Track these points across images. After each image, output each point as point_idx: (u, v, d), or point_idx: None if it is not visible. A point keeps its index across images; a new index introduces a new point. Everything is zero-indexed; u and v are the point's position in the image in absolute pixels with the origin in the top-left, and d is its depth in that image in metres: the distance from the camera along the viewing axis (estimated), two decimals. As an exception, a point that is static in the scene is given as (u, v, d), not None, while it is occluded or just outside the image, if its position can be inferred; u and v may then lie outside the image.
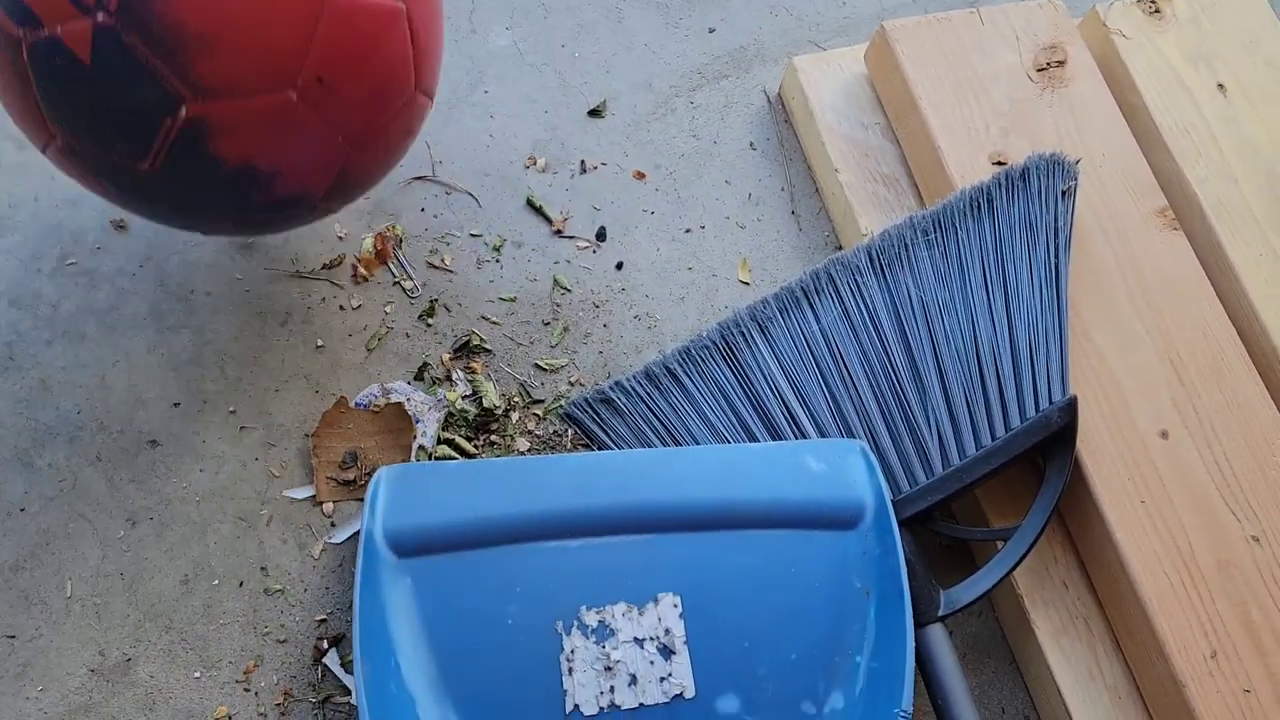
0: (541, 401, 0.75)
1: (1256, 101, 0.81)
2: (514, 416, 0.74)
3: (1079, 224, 0.75)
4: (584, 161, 0.84)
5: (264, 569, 0.69)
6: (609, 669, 0.61)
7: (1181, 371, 0.71)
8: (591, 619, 0.61)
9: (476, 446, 0.73)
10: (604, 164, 0.85)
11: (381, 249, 0.78)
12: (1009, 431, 0.66)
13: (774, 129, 0.88)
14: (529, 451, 0.73)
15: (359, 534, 0.64)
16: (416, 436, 0.72)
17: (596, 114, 0.87)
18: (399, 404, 0.73)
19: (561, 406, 0.75)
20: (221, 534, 0.69)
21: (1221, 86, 0.82)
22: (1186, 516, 0.67)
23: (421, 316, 0.77)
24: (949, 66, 0.80)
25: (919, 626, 0.64)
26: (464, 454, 0.72)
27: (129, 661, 0.65)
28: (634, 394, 0.73)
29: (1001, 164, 0.76)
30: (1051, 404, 0.66)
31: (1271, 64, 0.83)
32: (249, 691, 0.65)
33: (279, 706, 0.65)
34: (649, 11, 0.92)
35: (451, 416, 0.73)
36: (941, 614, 0.64)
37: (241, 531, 0.69)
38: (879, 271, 0.72)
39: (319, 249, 0.78)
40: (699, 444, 0.70)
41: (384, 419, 0.73)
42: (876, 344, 0.70)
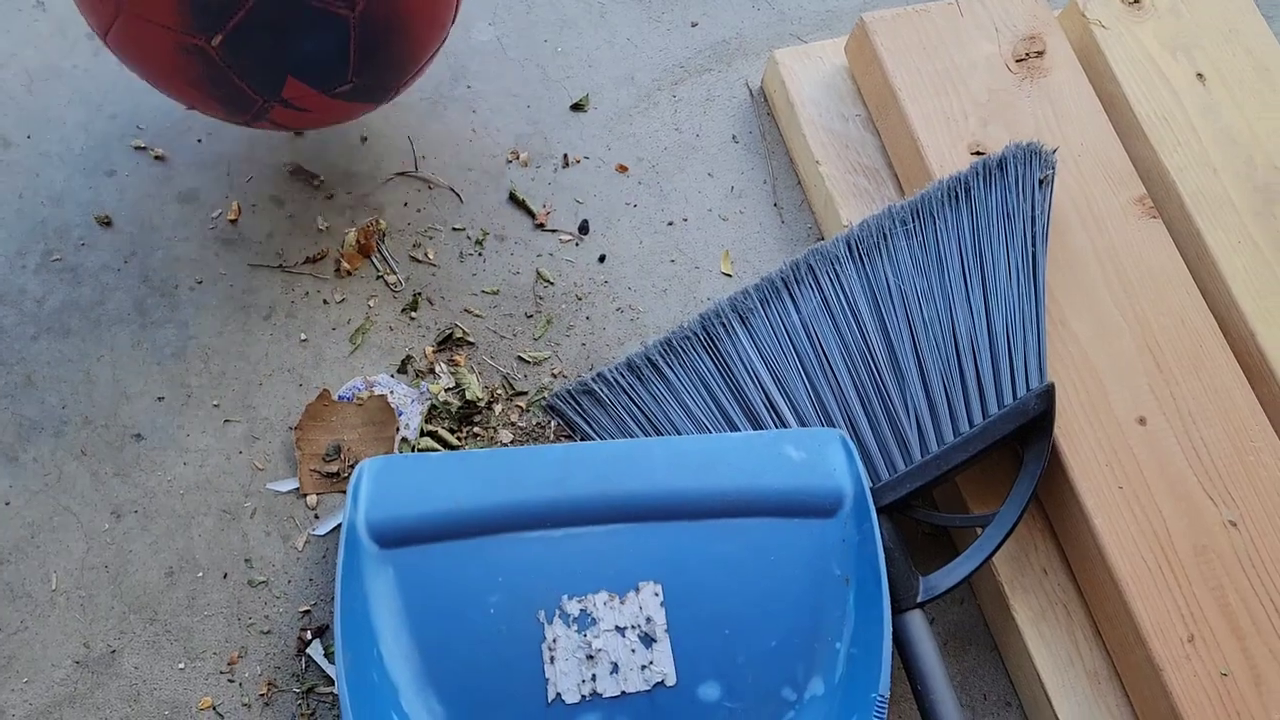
0: (525, 394, 0.76)
1: (1236, 91, 0.82)
2: (497, 409, 0.75)
3: (1058, 213, 0.75)
4: (566, 155, 0.85)
5: (248, 561, 0.69)
6: (591, 657, 0.61)
7: (1159, 358, 0.71)
8: (573, 608, 0.62)
9: (460, 439, 0.73)
10: (586, 158, 0.85)
11: (365, 243, 0.78)
12: (987, 418, 0.67)
13: (756, 122, 0.88)
14: (512, 443, 0.74)
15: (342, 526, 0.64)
16: (400, 429, 0.73)
17: (579, 108, 0.87)
18: (382, 397, 0.73)
19: (544, 398, 0.75)
20: (205, 527, 0.70)
21: (1201, 76, 0.82)
22: (1164, 502, 0.67)
23: (405, 310, 0.77)
24: (928, 58, 0.80)
25: (898, 612, 0.64)
26: (447, 446, 0.73)
27: (114, 653, 0.66)
28: (616, 385, 0.73)
29: (980, 154, 0.76)
30: (1029, 391, 0.67)
31: (1251, 53, 0.84)
32: (233, 682, 0.66)
33: (263, 697, 0.66)
34: (631, 6, 0.92)
35: (435, 409, 0.74)
36: (921, 600, 0.65)
37: (225, 524, 0.70)
38: (858, 261, 0.72)
39: (302, 243, 0.79)
40: (680, 434, 0.71)
41: (367, 412, 0.73)
42: (856, 333, 0.70)
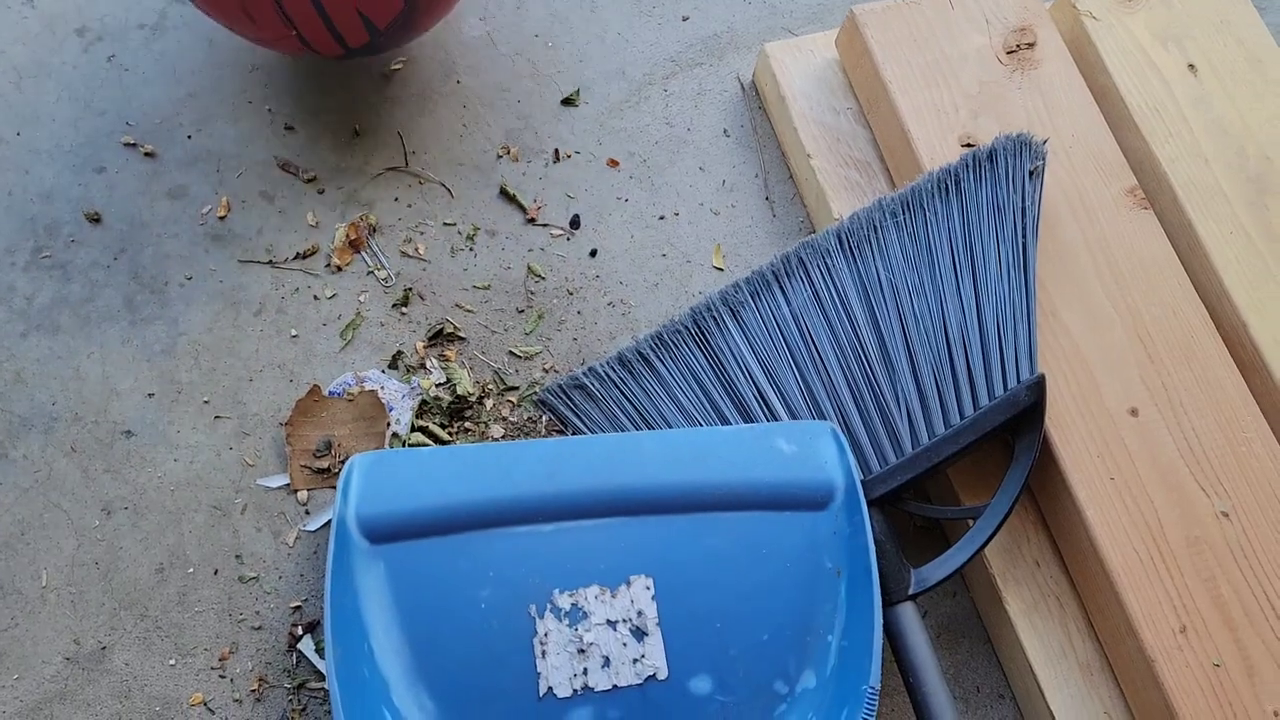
0: (516, 388, 0.76)
1: (1227, 81, 0.82)
2: (488, 403, 0.75)
3: (1050, 204, 0.75)
4: (557, 150, 0.85)
5: (239, 557, 0.69)
6: (582, 651, 0.61)
7: (1151, 349, 0.71)
8: (564, 602, 0.62)
9: (451, 434, 0.73)
10: (577, 152, 0.85)
11: (355, 238, 0.78)
12: (978, 410, 0.67)
13: (747, 115, 0.88)
14: (503, 438, 0.73)
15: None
16: (390, 424, 0.72)
17: (570, 102, 0.87)
18: (373, 392, 0.73)
19: (536, 393, 0.75)
20: (196, 523, 0.69)
21: (1192, 67, 0.82)
22: (1156, 493, 0.67)
23: (396, 305, 0.77)
24: (918, 50, 0.80)
25: (890, 605, 0.64)
26: (438, 441, 0.73)
27: (104, 650, 0.66)
28: (607, 379, 0.73)
29: (971, 146, 0.76)
30: (1020, 382, 0.67)
31: (1243, 44, 0.83)
32: (224, 678, 0.66)
33: (254, 693, 0.65)
34: (622, 0, 0.92)
35: (426, 404, 0.74)
36: (912, 592, 0.64)
37: (216, 520, 0.70)
38: (848, 254, 0.72)
39: (292, 239, 0.79)
40: (671, 427, 0.70)
41: (358, 407, 0.73)
42: (846, 326, 0.70)
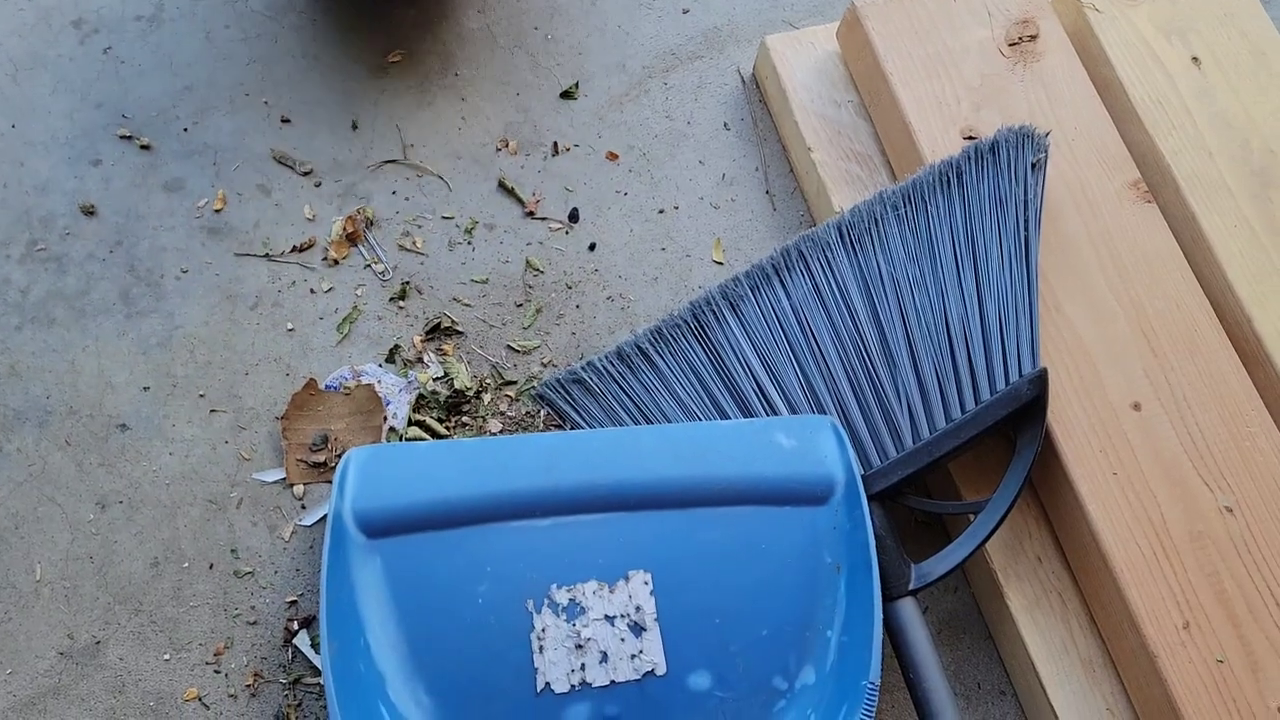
0: (514, 383, 0.75)
1: (1231, 74, 0.81)
2: (486, 398, 0.74)
3: (1052, 197, 0.74)
4: (556, 143, 0.84)
5: (234, 551, 0.68)
6: (580, 647, 0.60)
7: (1154, 343, 0.70)
8: (562, 597, 0.61)
9: (448, 428, 0.73)
10: (576, 145, 0.84)
11: (352, 231, 0.78)
12: (979, 404, 0.66)
13: (748, 109, 0.88)
14: (501, 433, 0.73)
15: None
16: (387, 418, 0.72)
17: (569, 95, 0.86)
18: (369, 386, 0.73)
19: (534, 388, 0.75)
20: (191, 517, 0.69)
21: (1196, 60, 0.81)
22: (1159, 488, 0.66)
23: (393, 299, 0.77)
24: (920, 42, 0.79)
25: (890, 600, 0.63)
26: (435, 436, 0.72)
27: (98, 644, 0.65)
28: (606, 374, 0.72)
29: (973, 139, 0.76)
30: (1022, 376, 0.66)
31: (1247, 37, 0.83)
32: (219, 673, 0.65)
33: (249, 688, 0.65)
34: (622, -7, 0.92)
35: (423, 398, 0.73)
36: (913, 588, 0.64)
37: (211, 514, 0.69)
38: (849, 247, 0.71)
39: (289, 232, 0.78)
40: (671, 422, 0.70)
41: (354, 401, 0.72)
42: (847, 320, 0.70)
